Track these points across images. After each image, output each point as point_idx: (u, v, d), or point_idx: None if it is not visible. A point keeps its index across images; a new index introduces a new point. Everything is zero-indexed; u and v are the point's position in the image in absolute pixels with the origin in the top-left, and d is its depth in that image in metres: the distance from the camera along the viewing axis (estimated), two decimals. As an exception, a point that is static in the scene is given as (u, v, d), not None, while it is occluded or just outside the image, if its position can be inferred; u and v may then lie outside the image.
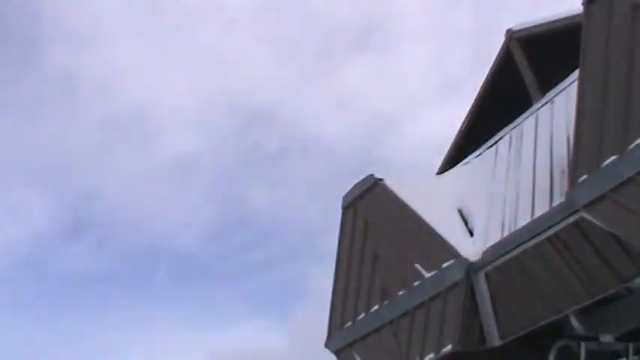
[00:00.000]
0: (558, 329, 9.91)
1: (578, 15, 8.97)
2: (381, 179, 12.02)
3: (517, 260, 9.27)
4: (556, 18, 11.01)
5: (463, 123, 13.10)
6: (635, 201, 7.59)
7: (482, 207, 10.56)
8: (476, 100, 12.77)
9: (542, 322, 9.47)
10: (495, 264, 9.53)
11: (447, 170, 12.94)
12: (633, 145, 7.57)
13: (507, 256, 9.34)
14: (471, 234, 10.48)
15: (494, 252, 9.51)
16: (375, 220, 11.98)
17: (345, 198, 12.78)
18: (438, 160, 13.52)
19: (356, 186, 12.55)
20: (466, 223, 10.78)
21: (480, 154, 11.77)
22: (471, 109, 12.91)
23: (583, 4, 8.53)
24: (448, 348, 9.85)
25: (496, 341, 9.78)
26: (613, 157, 7.73)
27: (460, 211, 11.08)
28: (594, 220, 8.04)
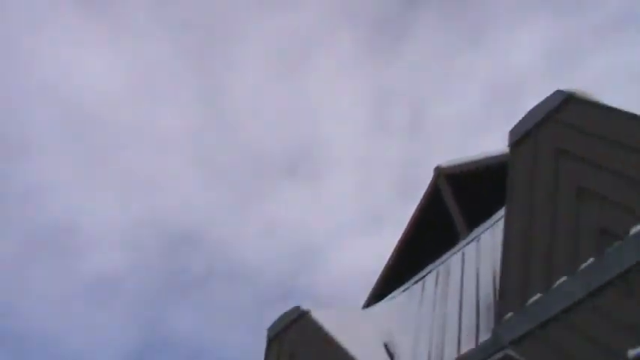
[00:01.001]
0: None
1: (503, 155, 9.40)
2: (307, 311, 11.95)
3: (445, 397, 9.22)
4: (482, 156, 11.50)
5: (390, 257, 13.26)
6: (560, 339, 7.76)
7: (408, 342, 10.55)
8: (403, 234, 13.00)
9: None
10: (423, 400, 9.44)
11: (373, 304, 12.98)
12: (557, 283, 7.84)
13: (434, 392, 9.28)
14: (398, 369, 10.40)
15: (421, 388, 9.45)
16: (300, 353, 11.80)
17: (270, 329, 12.62)
18: (364, 292, 13.57)
19: (282, 317, 12.44)
20: (392, 358, 10.72)
21: (406, 288, 11.88)
22: (398, 243, 13.11)
23: (509, 145, 8.97)
24: None
25: None
26: (538, 295, 7.96)
27: (386, 346, 11.04)
28: (520, 358, 8.15)
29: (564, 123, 8.28)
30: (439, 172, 12.02)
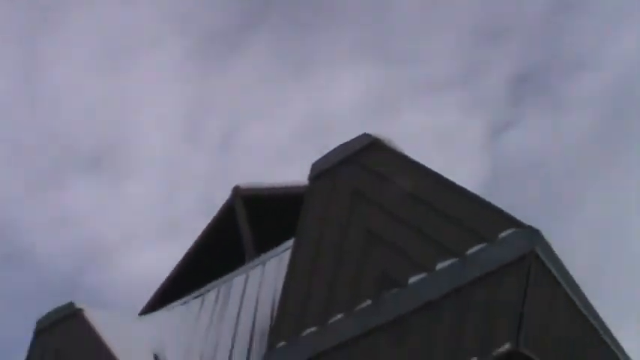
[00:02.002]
0: None
1: (303, 186, 9.48)
2: (80, 309, 11.34)
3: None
4: (283, 185, 11.58)
5: (175, 268, 12.99)
6: (325, 375, 7.89)
7: (178, 356, 10.32)
8: (191, 247, 12.80)
9: None
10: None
11: (151, 312, 12.60)
12: (333, 320, 7.99)
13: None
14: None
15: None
16: (68, 351, 11.17)
17: (39, 322, 11.84)
18: (145, 299, 13.16)
19: (54, 312, 11.70)
20: (159, 372, 10.44)
21: (186, 302, 11.64)
22: (185, 255, 12.88)
23: (309, 178, 9.08)
24: None
25: None
26: (313, 329, 8.06)
27: (156, 357, 10.73)
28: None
29: (364, 165, 8.51)
30: (237, 192, 11.97)
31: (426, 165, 8.25)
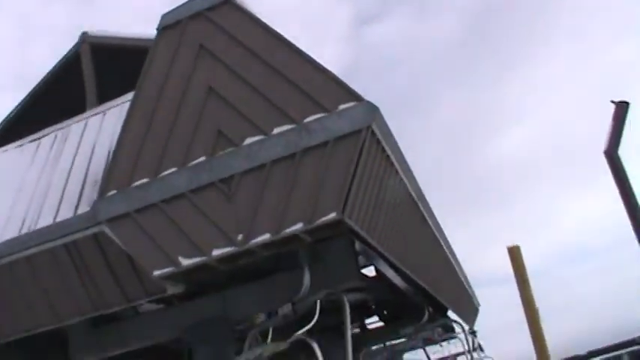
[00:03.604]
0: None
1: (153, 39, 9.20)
2: None
3: (29, 260, 8.98)
4: (134, 36, 11.18)
5: (13, 110, 12.48)
6: (154, 227, 7.96)
7: (8, 199, 10.05)
8: (32, 90, 12.29)
9: (44, 328, 9.30)
10: (6, 259, 9.08)
11: (-15, 155, 12.10)
12: (165, 173, 8.00)
13: (20, 254, 8.98)
14: (-11, 225, 9.87)
15: (8, 247, 9.06)
16: None
17: None
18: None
19: None
20: (-15, 215, 10.13)
21: (21, 144, 11.25)
22: (25, 98, 12.37)
23: (157, 29, 8.81)
24: None
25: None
26: (144, 180, 8.06)
27: (-16, 199, 10.41)
28: (113, 236, 8.22)
29: (214, 22, 8.34)
30: (84, 38, 11.50)
31: (278, 31, 8.18)
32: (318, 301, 10.05)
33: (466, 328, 21.61)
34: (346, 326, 9.72)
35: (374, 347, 20.02)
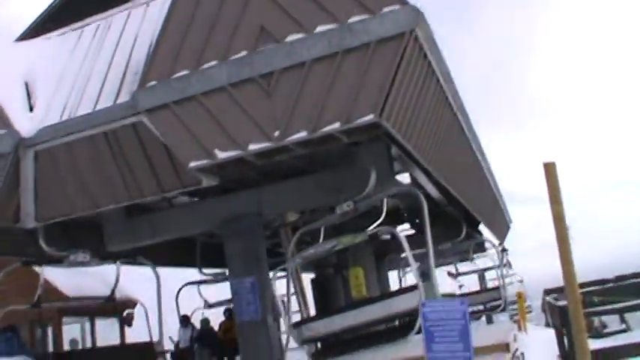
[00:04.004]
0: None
1: None
2: None
3: (69, 146, 9.13)
4: None
5: (55, -1, 12.39)
6: (192, 119, 8.00)
7: (50, 86, 10.12)
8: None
9: (80, 214, 9.52)
10: (47, 145, 9.24)
11: (28, 38, 12.12)
12: (206, 66, 7.98)
13: (61, 140, 9.13)
14: (31, 109, 9.99)
15: (49, 133, 9.21)
16: None
17: None
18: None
19: None
20: (29, 98, 10.24)
21: (64, 32, 11.24)
22: (68, -14, 12.24)
23: None
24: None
25: (31, 223, 9.51)
26: (185, 72, 8.05)
27: (27, 84, 10.49)
28: (151, 127, 8.30)
29: None
30: None
31: None
32: (385, 199, 10.23)
33: (497, 244, 21.81)
34: (425, 224, 9.84)
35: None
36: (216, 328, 18.29)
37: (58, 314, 17.78)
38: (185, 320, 17.92)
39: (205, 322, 18.11)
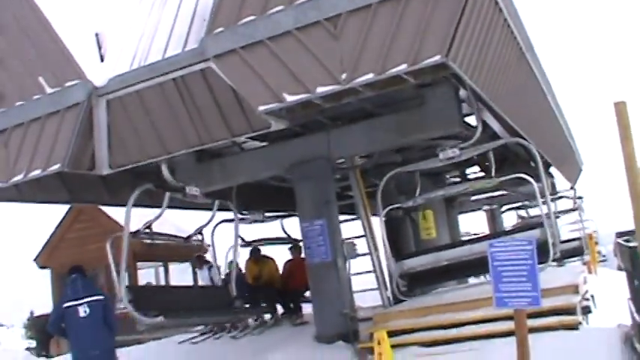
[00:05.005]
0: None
1: None
2: None
3: (140, 94, 9.32)
4: None
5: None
6: (260, 63, 8.07)
7: (119, 36, 10.30)
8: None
9: (153, 159, 9.76)
10: (119, 94, 9.44)
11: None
12: (272, 11, 8.00)
13: (131, 89, 9.32)
14: (102, 60, 10.21)
15: (120, 81, 9.40)
16: (6, 25, 10.95)
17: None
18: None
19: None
20: (100, 48, 10.45)
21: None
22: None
23: None
24: (56, 167, 9.60)
25: (105, 169, 9.78)
26: (251, 17, 8.10)
27: (97, 35, 10.70)
28: (220, 72, 8.40)
29: None
30: None
31: None
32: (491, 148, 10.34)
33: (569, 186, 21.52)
34: (541, 175, 10.11)
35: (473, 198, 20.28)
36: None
37: (133, 258, 18.18)
38: (199, 261, 16.21)
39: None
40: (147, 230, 10.66)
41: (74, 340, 9.88)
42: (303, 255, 12.31)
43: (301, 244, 12.36)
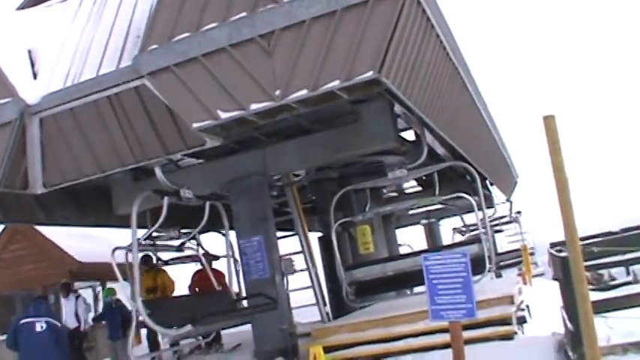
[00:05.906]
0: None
1: None
2: None
3: (73, 112, 9.21)
4: None
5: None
6: (194, 80, 8.07)
7: (53, 53, 10.18)
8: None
9: (87, 178, 9.63)
10: (52, 111, 9.32)
11: (29, 7, 12.15)
12: (206, 27, 8.02)
13: (65, 107, 9.22)
14: (35, 77, 10.07)
15: (53, 99, 9.29)
16: None
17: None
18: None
19: None
20: (33, 65, 10.31)
21: (65, 0, 11.26)
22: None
23: None
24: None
25: (39, 188, 9.63)
26: (185, 34, 8.10)
27: (30, 52, 10.55)
28: (154, 89, 8.37)
29: None
30: None
31: None
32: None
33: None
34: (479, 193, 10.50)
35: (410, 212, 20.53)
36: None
37: (70, 276, 17.74)
38: (66, 289, 15.31)
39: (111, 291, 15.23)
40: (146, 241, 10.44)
41: (26, 354, 10.31)
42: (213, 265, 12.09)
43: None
